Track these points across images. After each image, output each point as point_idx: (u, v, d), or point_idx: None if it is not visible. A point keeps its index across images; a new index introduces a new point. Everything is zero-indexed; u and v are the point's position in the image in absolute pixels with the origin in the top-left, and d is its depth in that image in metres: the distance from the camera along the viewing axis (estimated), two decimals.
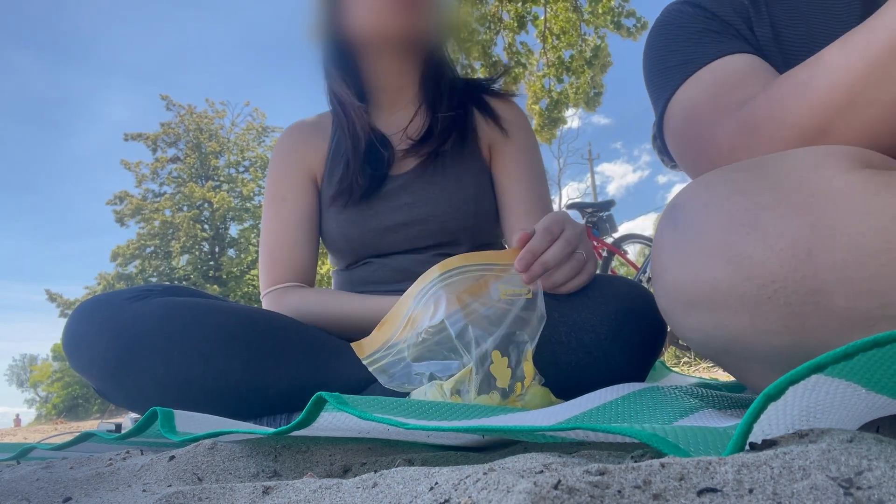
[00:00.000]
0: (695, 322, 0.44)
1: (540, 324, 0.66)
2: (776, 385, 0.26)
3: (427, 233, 0.96)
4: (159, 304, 0.76)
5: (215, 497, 0.35)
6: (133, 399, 0.77)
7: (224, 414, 0.72)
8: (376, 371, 0.72)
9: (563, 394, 0.66)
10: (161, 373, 0.73)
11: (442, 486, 0.28)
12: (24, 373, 34.06)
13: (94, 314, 0.76)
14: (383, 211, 0.96)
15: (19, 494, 0.44)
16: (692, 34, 0.68)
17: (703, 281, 0.41)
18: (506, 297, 0.67)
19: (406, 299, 0.73)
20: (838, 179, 0.36)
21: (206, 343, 0.73)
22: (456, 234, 0.97)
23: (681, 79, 0.66)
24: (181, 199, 16.92)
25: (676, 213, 0.46)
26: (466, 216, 0.97)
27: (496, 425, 0.40)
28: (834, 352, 0.25)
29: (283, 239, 1.00)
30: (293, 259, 1.00)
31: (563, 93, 5.75)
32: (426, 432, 0.47)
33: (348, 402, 0.44)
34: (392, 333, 0.73)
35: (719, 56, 0.64)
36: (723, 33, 0.67)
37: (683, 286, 0.43)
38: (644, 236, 4.32)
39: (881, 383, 0.28)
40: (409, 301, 0.72)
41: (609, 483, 0.24)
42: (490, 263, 0.70)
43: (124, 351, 0.73)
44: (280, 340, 0.78)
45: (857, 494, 0.21)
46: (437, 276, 0.69)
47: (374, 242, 0.97)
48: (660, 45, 0.71)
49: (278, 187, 1.02)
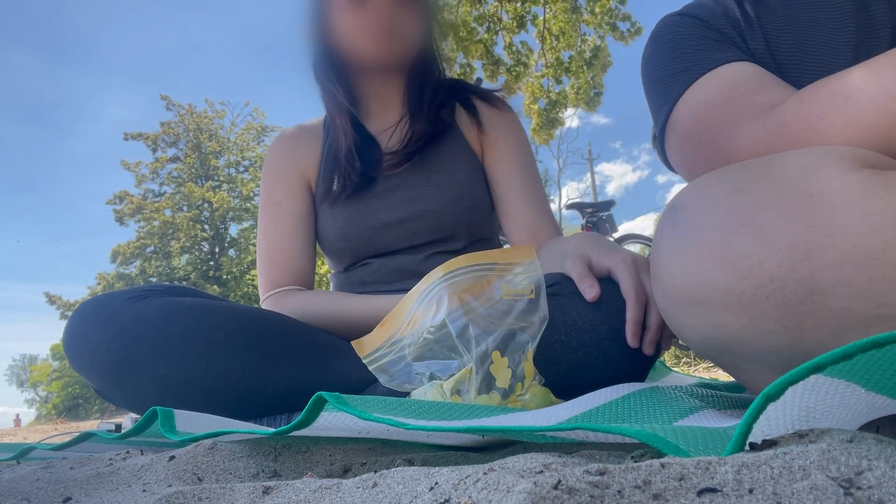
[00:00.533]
0: (693, 321, 0.44)
1: (542, 324, 0.66)
2: (775, 385, 0.26)
3: (424, 229, 0.97)
4: (159, 304, 0.76)
5: (215, 497, 0.35)
6: (133, 399, 0.77)
7: (224, 414, 0.72)
8: (376, 370, 0.72)
9: (563, 394, 0.66)
10: (161, 373, 0.73)
11: (442, 486, 0.28)
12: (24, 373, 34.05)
13: (95, 315, 0.77)
14: (379, 209, 0.97)
15: (19, 494, 0.44)
16: (692, 42, 0.69)
17: (701, 280, 0.41)
18: (508, 296, 0.67)
19: (409, 298, 0.73)
20: (837, 179, 0.36)
21: (205, 343, 0.73)
22: (452, 229, 0.98)
23: (685, 85, 0.66)
24: (181, 199, 16.92)
25: (676, 213, 0.46)
26: (462, 211, 0.98)
27: (496, 426, 0.40)
28: (833, 352, 0.25)
29: (280, 243, 1.01)
30: (291, 262, 1.00)
31: (562, 94, 5.75)
32: (426, 432, 0.47)
33: (348, 401, 0.44)
34: (394, 332, 0.73)
35: (722, 63, 0.65)
36: (721, 42, 0.68)
37: (682, 285, 0.43)
38: (644, 236, 4.32)
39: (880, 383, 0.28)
40: (412, 300, 0.72)
41: (609, 483, 0.24)
42: (493, 263, 0.70)
43: (124, 351, 0.73)
44: (280, 341, 0.78)
45: (857, 494, 0.21)
46: (440, 277, 0.69)
47: (372, 241, 0.98)
48: (659, 53, 0.72)
49: (272, 193, 1.03)
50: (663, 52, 0.71)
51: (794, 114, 0.52)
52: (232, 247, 17.67)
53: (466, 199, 0.98)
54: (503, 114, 1.07)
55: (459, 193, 0.98)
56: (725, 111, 0.60)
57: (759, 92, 0.59)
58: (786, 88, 0.59)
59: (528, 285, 0.68)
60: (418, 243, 0.98)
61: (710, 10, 0.71)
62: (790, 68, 0.66)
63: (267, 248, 1.01)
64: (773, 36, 0.67)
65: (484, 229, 1.02)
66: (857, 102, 0.47)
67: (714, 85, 0.64)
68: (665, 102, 0.69)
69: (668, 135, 0.69)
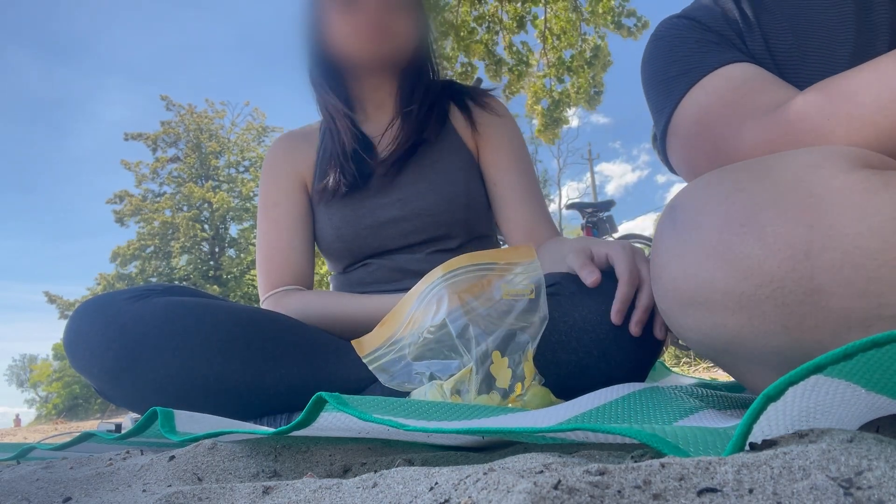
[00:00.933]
0: (693, 321, 0.44)
1: (542, 324, 0.66)
2: (776, 386, 0.26)
3: (420, 227, 0.97)
4: (159, 304, 0.76)
5: (215, 497, 0.35)
6: (133, 399, 0.77)
7: (224, 414, 0.72)
8: (376, 370, 0.72)
9: (563, 394, 0.66)
10: (161, 373, 0.73)
11: (442, 486, 0.28)
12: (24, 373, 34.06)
13: (95, 315, 0.77)
14: (375, 208, 0.98)
15: (19, 494, 0.44)
16: (692, 44, 0.69)
17: (701, 280, 0.41)
18: (508, 296, 0.67)
19: (409, 298, 0.73)
20: (837, 179, 0.36)
21: (205, 344, 0.74)
22: (449, 227, 0.98)
23: (686, 87, 0.66)
24: (181, 200, 16.92)
25: (676, 213, 0.46)
26: (458, 208, 0.98)
27: (496, 427, 0.40)
28: (833, 352, 0.25)
29: (279, 243, 1.01)
30: (290, 262, 1.01)
31: (564, 92, 5.75)
32: (426, 433, 0.47)
33: (348, 402, 0.44)
34: (394, 331, 0.73)
35: (723, 64, 0.65)
36: (721, 44, 0.68)
37: (682, 285, 0.43)
38: (644, 236, 4.32)
39: (881, 383, 0.28)
40: (412, 300, 0.72)
41: (609, 483, 0.24)
42: (493, 262, 0.70)
43: (124, 351, 0.73)
44: (280, 341, 0.78)
45: (857, 494, 0.21)
46: (440, 276, 0.69)
47: (369, 240, 0.98)
48: (659, 56, 0.72)
49: (270, 194, 1.05)
50: (664, 54, 0.71)
51: (797, 114, 0.52)
52: (232, 247, 17.67)
53: (462, 196, 0.99)
54: (496, 114, 1.07)
55: (455, 191, 0.98)
56: (727, 112, 0.60)
57: (761, 92, 0.59)
58: (787, 89, 0.59)
59: (528, 285, 0.68)
60: (415, 242, 0.98)
61: (709, 12, 0.71)
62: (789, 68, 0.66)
63: (266, 248, 1.02)
64: (772, 36, 0.67)
65: (481, 227, 1.03)
66: (861, 103, 0.47)
67: (715, 86, 0.64)
68: (666, 105, 0.69)
69: (669, 137, 0.69)
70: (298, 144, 1.08)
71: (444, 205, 0.97)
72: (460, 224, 0.99)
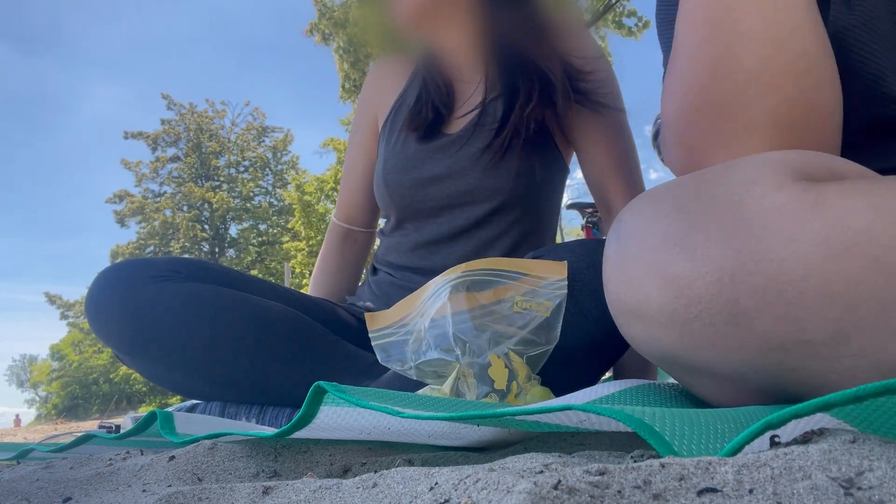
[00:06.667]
0: (635, 332, 0.45)
1: (548, 345, 0.65)
2: (780, 416, 0.26)
3: (464, 189, 0.94)
4: (178, 291, 0.78)
5: (215, 497, 0.35)
6: (148, 374, 0.83)
7: (230, 400, 0.79)
8: (377, 347, 0.73)
9: (559, 393, 0.66)
10: (174, 358, 0.77)
11: (442, 486, 0.28)
12: (24, 373, 34.02)
13: (116, 288, 0.80)
14: (425, 160, 0.97)
15: (19, 494, 0.44)
16: None
17: (638, 296, 0.42)
18: (519, 309, 0.66)
19: (424, 289, 0.74)
20: (767, 199, 0.37)
21: (215, 338, 0.77)
22: (492, 193, 0.94)
23: None
24: (181, 200, 16.92)
25: (621, 227, 0.47)
26: (505, 178, 0.94)
27: (489, 412, 0.40)
28: (844, 393, 0.25)
29: (347, 173, 1.15)
30: (349, 195, 1.14)
31: None
32: (426, 433, 0.47)
33: (346, 391, 0.44)
34: (406, 314, 0.74)
35: None
36: None
37: (623, 298, 0.45)
38: None
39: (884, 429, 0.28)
40: (426, 292, 0.73)
41: (609, 483, 0.24)
42: (516, 272, 0.68)
43: (139, 333, 0.77)
44: (290, 342, 0.80)
45: (857, 495, 0.21)
46: (455, 275, 0.69)
47: (412, 193, 0.97)
48: None
49: (355, 121, 1.16)
50: None
51: None
52: (232, 247, 17.67)
53: (515, 162, 0.93)
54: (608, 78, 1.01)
55: (507, 168, 0.93)
56: None
57: None
58: None
59: (545, 303, 0.67)
60: (456, 203, 0.95)
61: None
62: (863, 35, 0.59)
63: (343, 175, 1.16)
64: None
65: (531, 202, 0.97)
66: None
67: None
68: None
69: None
70: (385, 77, 1.11)
71: (490, 176, 0.93)
72: (506, 192, 0.94)
